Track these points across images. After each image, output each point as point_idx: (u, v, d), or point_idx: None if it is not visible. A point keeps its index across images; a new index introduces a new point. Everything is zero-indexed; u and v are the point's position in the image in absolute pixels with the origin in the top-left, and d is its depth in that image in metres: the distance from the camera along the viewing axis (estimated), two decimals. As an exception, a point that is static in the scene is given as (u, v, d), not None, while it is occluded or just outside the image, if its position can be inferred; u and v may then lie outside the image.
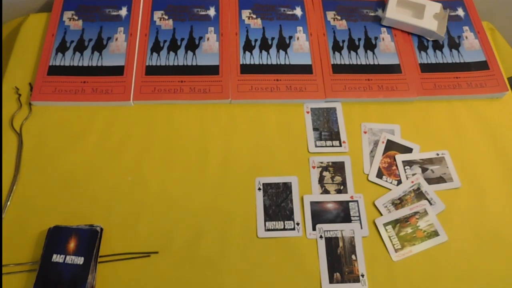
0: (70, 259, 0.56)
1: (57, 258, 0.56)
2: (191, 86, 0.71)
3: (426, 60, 0.78)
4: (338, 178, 0.67)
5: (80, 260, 0.56)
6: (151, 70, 0.73)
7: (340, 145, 0.70)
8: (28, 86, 0.71)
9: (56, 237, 0.58)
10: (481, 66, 0.77)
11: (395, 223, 0.63)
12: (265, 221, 0.63)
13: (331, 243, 0.62)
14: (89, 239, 0.58)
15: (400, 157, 0.69)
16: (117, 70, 0.72)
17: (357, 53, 0.77)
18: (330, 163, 0.68)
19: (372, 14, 0.83)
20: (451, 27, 0.82)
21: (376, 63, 0.76)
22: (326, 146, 0.69)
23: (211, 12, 0.80)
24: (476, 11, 0.84)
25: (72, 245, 0.57)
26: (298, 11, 0.81)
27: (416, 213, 0.64)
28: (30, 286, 0.55)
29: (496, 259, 0.62)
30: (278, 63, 0.75)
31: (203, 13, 0.80)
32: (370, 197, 0.66)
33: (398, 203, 0.65)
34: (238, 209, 0.63)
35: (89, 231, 0.58)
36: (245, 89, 0.72)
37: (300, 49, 0.77)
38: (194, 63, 0.74)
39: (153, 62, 0.73)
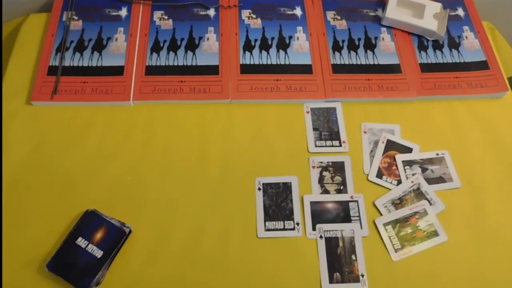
0: (91, 248, 0.57)
1: (81, 242, 0.57)
2: (191, 86, 0.71)
3: (426, 60, 0.78)
4: (338, 178, 0.67)
5: (99, 253, 0.57)
6: (151, 70, 0.73)
7: (340, 145, 0.70)
8: (28, 86, 0.71)
9: (88, 222, 0.59)
10: (481, 66, 0.77)
11: (395, 223, 0.63)
12: (265, 221, 0.63)
13: (331, 243, 0.62)
14: (115, 237, 0.58)
15: (400, 157, 0.69)
16: (117, 70, 0.72)
17: (357, 53, 0.77)
18: (330, 163, 0.68)
19: (372, 14, 0.83)
20: (451, 27, 0.82)
21: (376, 63, 0.76)
22: (326, 146, 0.69)
23: (211, 12, 0.80)
24: (476, 11, 0.84)
25: (99, 235, 0.58)
26: (298, 11, 0.81)
27: (416, 213, 0.64)
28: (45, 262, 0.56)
29: (496, 259, 0.62)
30: (278, 63, 0.75)
31: (203, 13, 0.80)
32: (370, 197, 0.66)
33: (398, 203, 0.65)
34: (238, 209, 0.63)
35: (119, 229, 0.59)
36: (245, 89, 0.72)
37: (300, 49, 0.77)
38: (194, 63, 0.74)
39: (153, 62, 0.73)
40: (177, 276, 0.58)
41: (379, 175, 0.67)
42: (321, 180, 0.67)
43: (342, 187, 0.66)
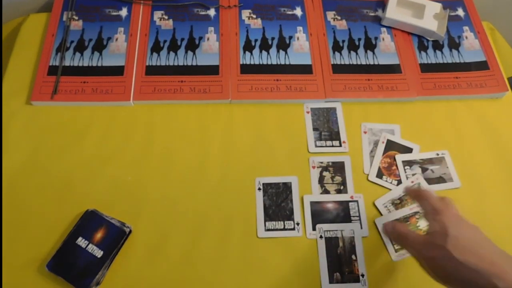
0: (91, 248, 0.57)
1: (81, 241, 0.57)
2: (191, 86, 0.71)
3: (426, 60, 0.78)
4: (338, 178, 0.67)
5: (99, 253, 0.57)
6: (151, 70, 0.73)
7: (340, 145, 0.70)
8: (28, 86, 0.71)
9: (89, 222, 0.59)
10: (481, 66, 0.77)
11: (395, 223, 0.63)
12: (265, 221, 0.63)
13: (331, 243, 0.62)
14: (116, 236, 0.58)
15: (400, 157, 0.69)
16: (117, 70, 0.72)
17: (357, 53, 0.77)
18: (330, 163, 0.68)
19: (372, 14, 0.83)
20: (451, 27, 0.82)
21: (376, 63, 0.76)
22: (326, 146, 0.69)
23: (211, 12, 0.80)
24: (476, 11, 0.84)
25: (99, 235, 0.58)
26: (298, 11, 0.81)
27: (416, 213, 0.64)
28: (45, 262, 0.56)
29: (496, 259, 0.62)
30: (278, 63, 0.75)
31: (203, 13, 0.80)
32: (370, 197, 0.66)
33: (398, 203, 0.65)
34: (238, 209, 0.63)
35: (119, 229, 0.59)
36: (245, 89, 0.72)
37: (300, 49, 0.77)
38: (194, 63, 0.74)
39: (153, 62, 0.73)
40: (177, 276, 0.58)
41: (379, 175, 0.67)
42: (321, 180, 0.67)
43: (342, 187, 0.66)
